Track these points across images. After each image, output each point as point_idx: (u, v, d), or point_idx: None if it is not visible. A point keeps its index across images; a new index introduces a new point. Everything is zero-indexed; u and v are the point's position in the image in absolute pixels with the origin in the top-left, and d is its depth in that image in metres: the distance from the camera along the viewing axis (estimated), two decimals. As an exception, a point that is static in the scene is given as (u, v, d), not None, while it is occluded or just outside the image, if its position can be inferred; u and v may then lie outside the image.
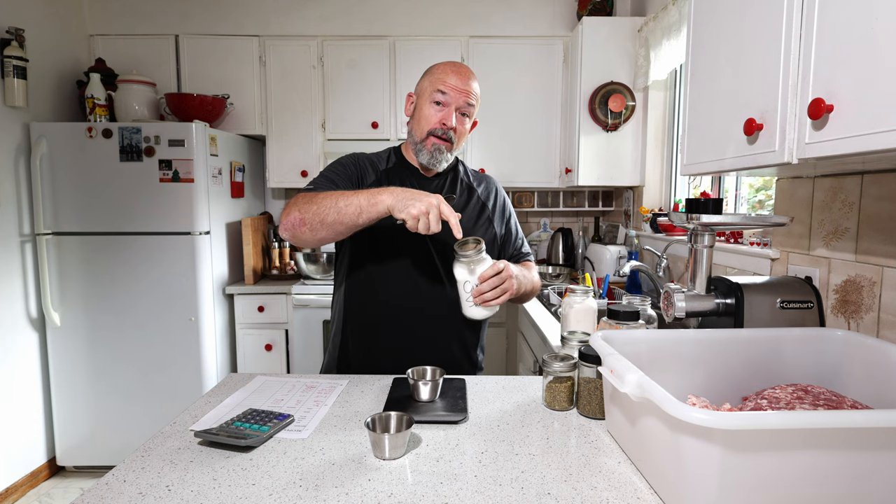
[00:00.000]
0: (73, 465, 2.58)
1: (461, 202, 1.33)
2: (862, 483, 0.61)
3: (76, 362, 2.48)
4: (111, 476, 0.76)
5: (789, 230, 1.42)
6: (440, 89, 1.23)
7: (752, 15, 1.02)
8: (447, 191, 1.33)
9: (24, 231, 2.45)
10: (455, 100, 1.23)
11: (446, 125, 1.23)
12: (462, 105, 1.23)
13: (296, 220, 1.09)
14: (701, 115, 1.23)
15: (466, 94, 1.23)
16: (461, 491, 0.72)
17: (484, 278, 1.10)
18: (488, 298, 1.11)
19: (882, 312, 1.11)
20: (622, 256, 2.61)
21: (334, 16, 2.89)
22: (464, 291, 1.12)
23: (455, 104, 1.23)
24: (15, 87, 2.32)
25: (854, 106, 0.76)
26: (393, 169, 1.31)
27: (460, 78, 1.23)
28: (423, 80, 1.28)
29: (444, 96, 1.22)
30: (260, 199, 3.18)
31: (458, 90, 1.22)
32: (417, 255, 1.25)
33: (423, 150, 1.26)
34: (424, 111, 1.25)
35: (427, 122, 1.25)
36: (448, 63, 1.27)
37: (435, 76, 1.25)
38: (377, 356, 1.27)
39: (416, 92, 1.30)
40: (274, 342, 2.71)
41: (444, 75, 1.24)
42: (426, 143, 1.25)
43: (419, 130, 1.26)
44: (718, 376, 0.95)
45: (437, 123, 1.24)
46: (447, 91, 1.22)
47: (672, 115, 2.55)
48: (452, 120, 1.23)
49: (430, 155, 1.25)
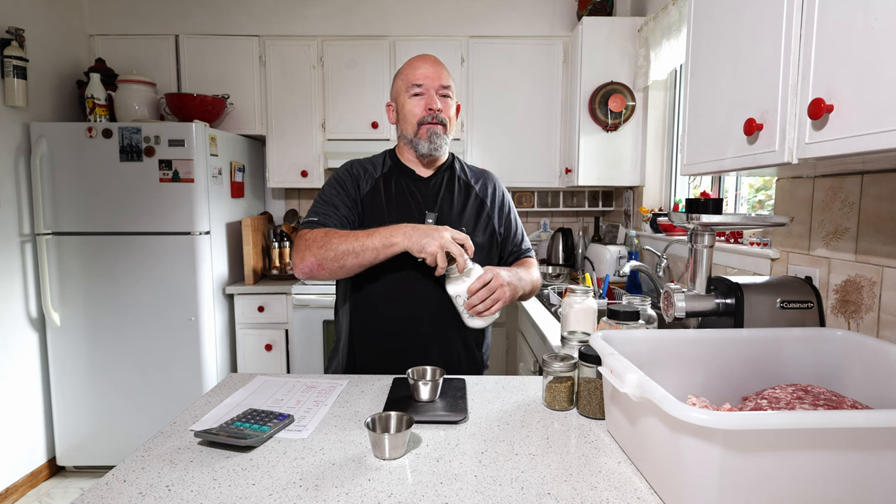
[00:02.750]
0: (73, 465, 2.58)
1: (459, 202, 1.32)
2: (862, 483, 0.61)
3: (76, 362, 2.48)
4: (111, 476, 0.76)
5: (789, 230, 1.42)
6: (413, 83, 1.26)
7: (752, 15, 1.02)
8: (445, 190, 1.32)
9: (24, 231, 2.45)
10: (431, 85, 1.25)
11: (432, 109, 1.25)
12: (438, 88, 1.26)
13: (313, 266, 1.13)
14: (701, 115, 1.23)
15: (439, 77, 1.26)
16: (461, 491, 0.72)
17: (472, 292, 1.12)
18: (480, 310, 1.13)
19: (882, 312, 1.11)
20: (622, 256, 2.61)
21: (334, 16, 2.89)
22: (458, 306, 1.16)
23: (432, 88, 1.25)
24: (15, 87, 2.32)
25: (854, 106, 0.76)
26: (389, 173, 1.31)
27: (428, 65, 1.27)
28: (396, 83, 1.31)
29: (420, 87, 1.25)
30: (260, 199, 3.18)
31: (429, 76, 1.25)
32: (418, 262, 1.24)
33: (420, 141, 1.26)
34: (407, 107, 1.27)
35: (413, 115, 1.26)
36: (412, 58, 1.31)
37: (404, 74, 1.28)
38: (384, 362, 1.25)
39: (393, 97, 1.33)
40: (274, 342, 2.71)
41: (411, 70, 1.27)
42: (420, 134, 1.26)
43: (408, 126, 1.28)
44: (718, 376, 0.95)
45: (423, 112, 1.25)
46: (421, 81, 1.25)
47: (672, 115, 2.55)
48: (436, 102, 1.25)
49: (429, 142, 1.26)
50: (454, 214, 1.30)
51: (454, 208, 1.30)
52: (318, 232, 1.16)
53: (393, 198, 1.28)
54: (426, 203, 1.29)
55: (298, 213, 3.21)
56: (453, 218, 1.29)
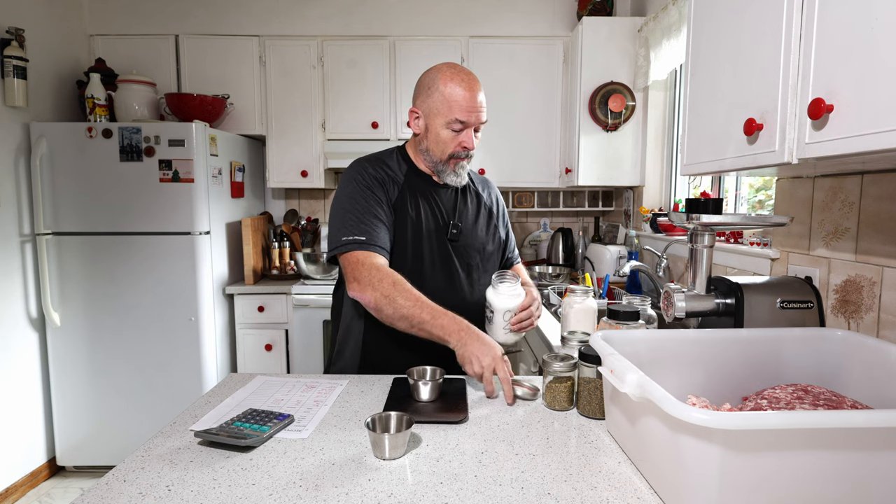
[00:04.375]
0: (73, 465, 2.58)
1: (473, 211, 1.33)
2: (862, 483, 0.61)
3: (76, 362, 2.48)
4: (111, 476, 0.76)
5: (789, 230, 1.42)
6: (457, 118, 1.19)
7: (752, 15, 1.02)
8: (461, 199, 1.32)
9: (24, 231, 2.45)
10: (475, 122, 1.21)
11: (468, 147, 1.22)
12: (477, 123, 1.22)
13: (370, 305, 1.12)
14: (701, 115, 1.23)
15: (480, 111, 1.21)
16: (461, 491, 0.72)
17: (524, 307, 1.20)
18: (525, 326, 1.20)
19: (882, 312, 1.11)
20: (622, 256, 2.61)
21: (334, 16, 2.89)
22: (502, 319, 1.20)
23: (473, 125, 1.22)
24: (15, 87, 2.32)
25: (854, 106, 0.76)
26: (411, 180, 1.28)
27: (474, 98, 1.19)
28: (433, 97, 1.20)
29: (463, 124, 1.20)
30: (260, 199, 3.18)
31: (474, 113, 1.20)
32: (441, 259, 1.26)
33: (446, 170, 1.25)
34: (442, 135, 1.21)
35: (447, 145, 1.23)
36: (457, 79, 1.19)
37: (448, 98, 1.18)
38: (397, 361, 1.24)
39: (424, 110, 1.23)
40: (274, 342, 2.71)
41: (458, 99, 1.18)
42: (449, 164, 1.25)
43: (439, 152, 1.24)
44: (718, 376, 0.95)
45: (458, 147, 1.22)
46: (465, 119, 1.19)
47: (672, 115, 2.55)
48: (473, 142, 1.23)
49: (456, 174, 1.26)
50: (470, 224, 1.32)
51: (469, 218, 1.33)
52: (385, 273, 1.11)
53: (419, 206, 1.26)
54: (448, 213, 1.29)
55: (298, 212, 3.21)
56: (469, 227, 1.31)
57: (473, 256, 1.31)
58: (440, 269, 1.24)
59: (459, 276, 1.28)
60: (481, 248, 1.33)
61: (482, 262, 1.33)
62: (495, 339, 1.16)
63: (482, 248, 1.33)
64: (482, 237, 1.33)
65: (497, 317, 1.20)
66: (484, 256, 1.34)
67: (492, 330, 1.22)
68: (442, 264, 1.25)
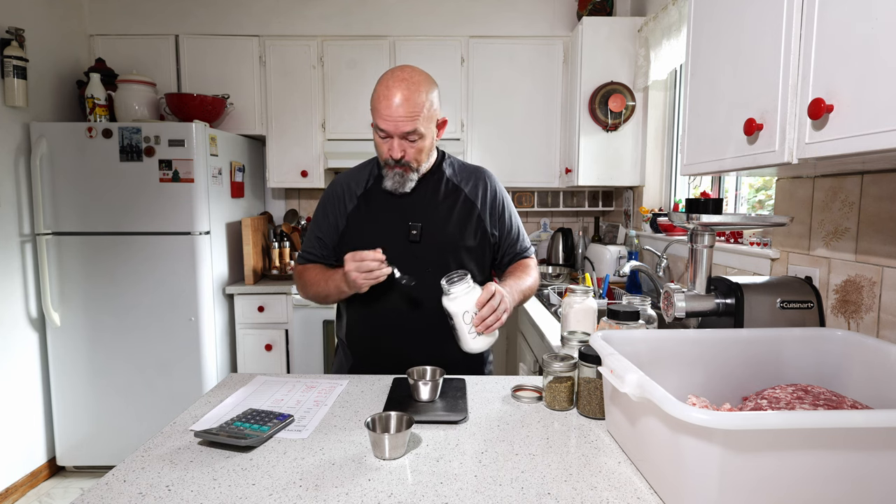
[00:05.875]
0: (73, 465, 2.58)
1: (445, 208, 1.30)
2: (862, 483, 0.61)
3: (76, 362, 2.48)
4: (111, 476, 0.76)
5: (789, 230, 1.42)
6: (377, 125, 1.19)
7: (752, 15, 1.02)
8: (429, 198, 1.29)
9: (24, 231, 2.45)
10: (393, 131, 1.17)
11: (393, 157, 1.20)
12: (400, 133, 1.17)
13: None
14: (701, 115, 1.23)
15: (400, 122, 1.15)
16: (461, 491, 0.72)
17: (482, 303, 1.08)
18: (490, 323, 1.08)
19: (882, 312, 1.11)
20: (622, 256, 2.61)
21: (334, 16, 2.89)
22: (463, 324, 1.08)
23: (395, 134, 1.17)
24: (15, 87, 2.32)
25: (854, 106, 0.76)
26: (372, 189, 1.30)
27: (389, 107, 1.15)
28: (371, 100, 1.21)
29: (383, 131, 1.18)
30: (260, 199, 3.18)
31: (391, 121, 1.15)
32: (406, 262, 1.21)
33: (387, 175, 1.24)
34: (375, 140, 1.23)
35: (380, 151, 1.23)
36: (382, 85, 1.18)
37: (373, 105, 1.19)
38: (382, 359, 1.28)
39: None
40: (274, 342, 2.71)
41: (377, 106, 1.17)
42: (387, 170, 1.24)
43: (379, 156, 1.26)
44: (718, 376, 0.95)
45: (386, 154, 1.21)
46: (383, 128, 1.17)
47: (672, 115, 2.55)
48: (396, 152, 1.18)
49: (392, 180, 1.24)
50: (439, 222, 1.28)
51: (439, 216, 1.28)
52: (298, 270, 1.35)
53: (376, 215, 1.28)
54: (409, 215, 1.27)
55: (298, 212, 3.21)
56: (438, 226, 1.27)
57: (445, 256, 1.26)
58: (407, 272, 1.16)
59: (430, 277, 1.20)
60: (454, 246, 1.27)
61: (463, 260, 1.28)
62: (467, 349, 1.11)
63: (455, 245, 1.28)
64: (455, 234, 1.27)
65: (458, 322, 1.09)
66: (461, 254, 1.28)
67: (460, 339, 1.11)
68: (409, 267, 1.18)
